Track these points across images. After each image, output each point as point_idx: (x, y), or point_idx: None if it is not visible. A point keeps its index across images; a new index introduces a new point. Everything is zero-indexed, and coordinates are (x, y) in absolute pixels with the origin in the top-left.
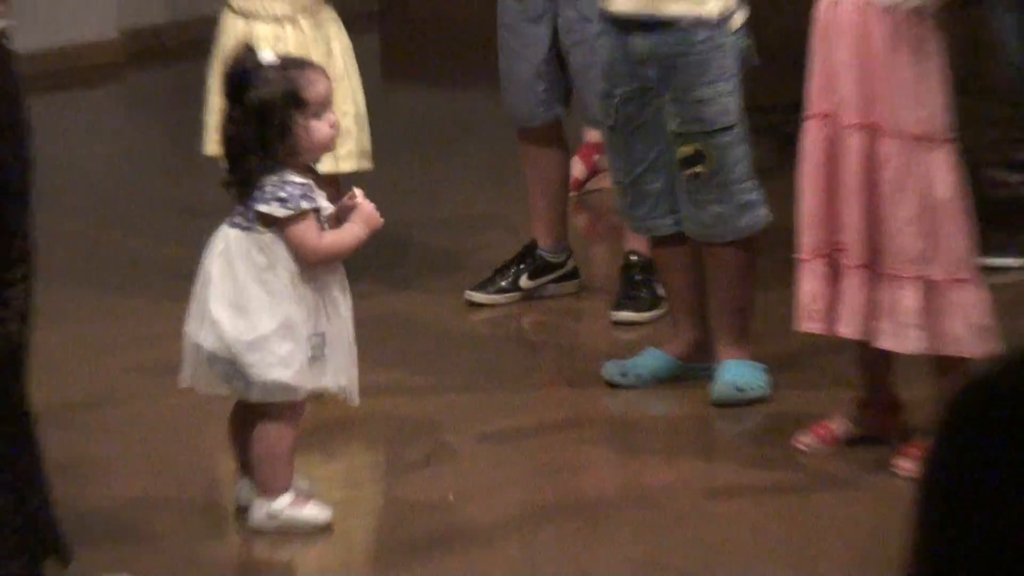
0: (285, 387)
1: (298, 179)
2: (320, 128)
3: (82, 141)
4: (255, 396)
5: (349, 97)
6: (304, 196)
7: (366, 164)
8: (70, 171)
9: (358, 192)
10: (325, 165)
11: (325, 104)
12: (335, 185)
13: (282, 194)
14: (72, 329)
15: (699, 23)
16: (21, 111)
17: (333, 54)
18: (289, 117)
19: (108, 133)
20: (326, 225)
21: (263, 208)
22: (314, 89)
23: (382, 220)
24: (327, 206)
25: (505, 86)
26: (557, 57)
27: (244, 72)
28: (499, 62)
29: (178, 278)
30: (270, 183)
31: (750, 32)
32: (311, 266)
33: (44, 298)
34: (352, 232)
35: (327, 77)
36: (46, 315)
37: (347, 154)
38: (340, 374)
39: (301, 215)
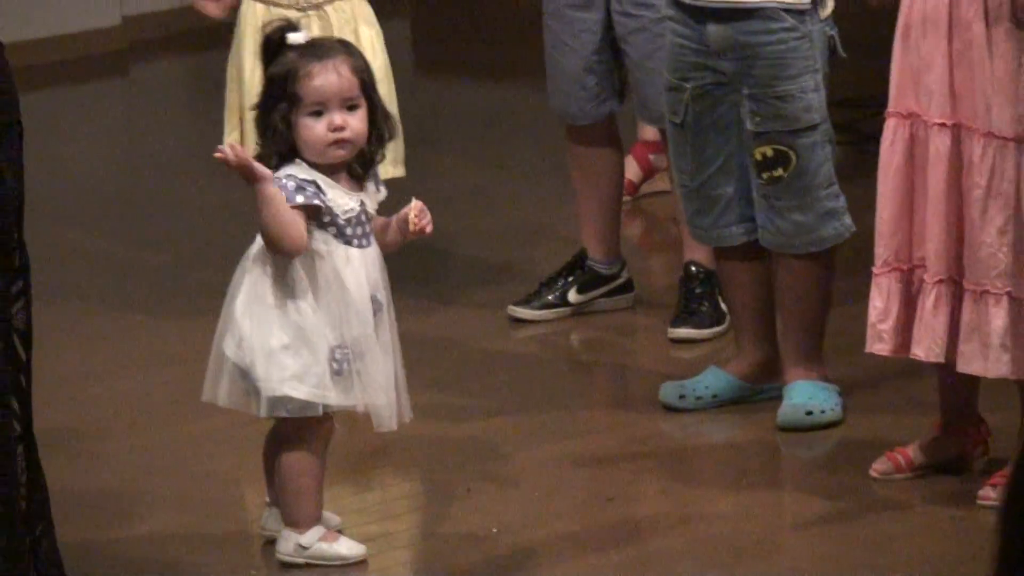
0: (297, 404)
1: (302, 173)
2: (311, 128)
3: (88, 139)
4: (263, 412)
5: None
6: (299, 189)
7: (398, 171)
8: (75, 175)
9: (415, 202)
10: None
11: (326, 103)
12: None
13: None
14: (84, 349)
15: (784, 9)
16: (17, 114)
17: (362, 49)
18: (278, 108)
19: (115, 130)
20: (359, 229)
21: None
22: (310, 84)
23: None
24: (347, 207)
25: (551, 80)
26: (611, 47)
27: (267, 46)
28: (545, 53)
29: (200, 292)
30: (279, 173)
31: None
32: (279, 256)
33: (53, 315)
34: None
35: (349, 73)
36: (56, 333)
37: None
38: (373, 392)
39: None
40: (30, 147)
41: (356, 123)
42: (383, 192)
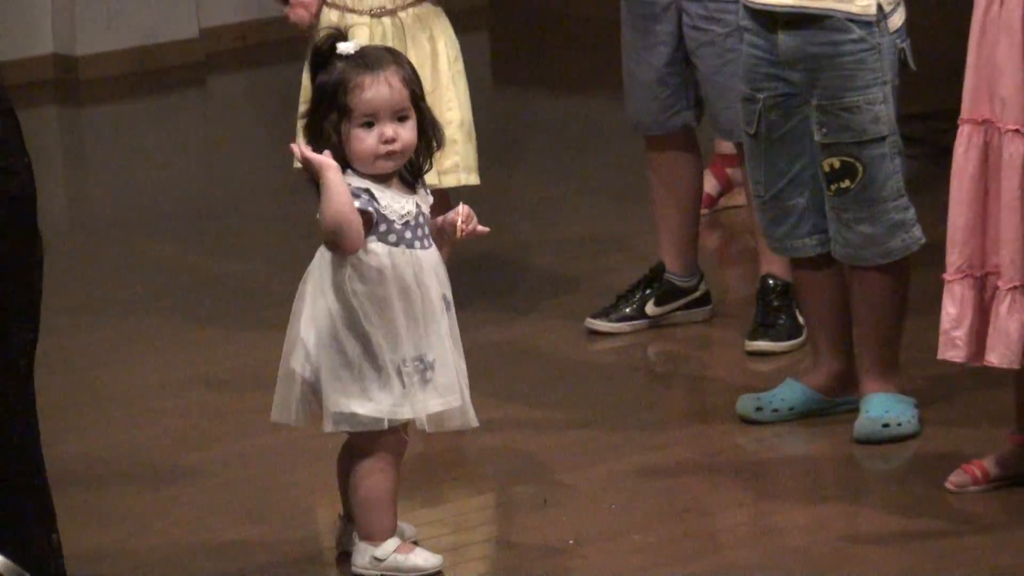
0: (361, 419)
1: (355, 181)
2: (362, 140)
3: (166, 151)
4: (328, 427)
5: (454, 103)
6: (354, 196)
7: (472, 179)
8: (152, 186)
9: (462, 207)
10: (428, 178)
11: (377, 114)
12: (445, 202)
13: None
14: (160, 361)
15: (852, 20)
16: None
17: (437, 54)
18: (326, 118)
19: (192, 142)
20: (419, 231)
21: (318, 215)
22: (361, 96)
23: (329, 163)
24: (404, 211)
25: (627, 90)
26: (684, 60)
27: (317, 56)
28: (622, 63)
29: (276, 305)
30: None
31: (907, 33)
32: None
33: (130, 327)
34: (325, 184)
35: (399, 84)
36: (132, 345)
37: (451, 167)
38: (450, 395)
39: None
40: (109, 160)
41: (406, 134)
42: (431, 198)
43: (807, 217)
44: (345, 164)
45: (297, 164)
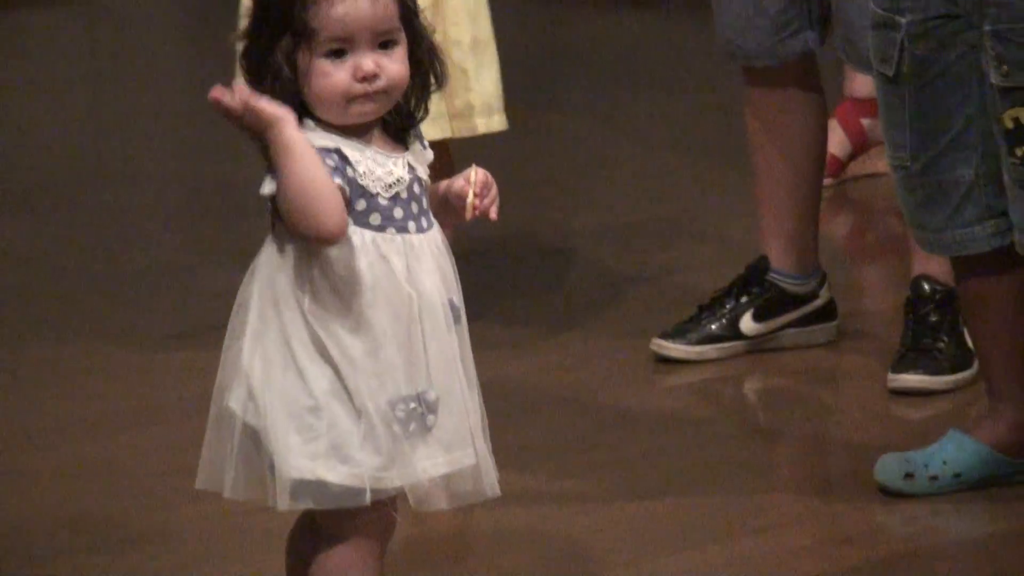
0: (333, 490)
1: (319, 138)
2: (330, 75)
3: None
4: (283, 502)
5: (461, 14)
6: None
7: (496, 123)
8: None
9: (475, 172)
10: (428, 127)
11: (352, 38)
12: (447, 159)
13: None
14: (51, 396)
15: None
16: None
17: None
18: (280, 44)
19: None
20: (414, 206)
21: (263, 188)
22: (329, 10)
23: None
24: (391, 179)
25: (722, 3)
26: None
27: None
28: None
29: (199, 311)
30: None
31: None
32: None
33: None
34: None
35: None
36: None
37: (463, 109)
38: (458, 450)
39: None
40: None
41: (394, 67)
42: (429, 154)
43: (975, 196)
44: (301, 110)
45: (213, 95)
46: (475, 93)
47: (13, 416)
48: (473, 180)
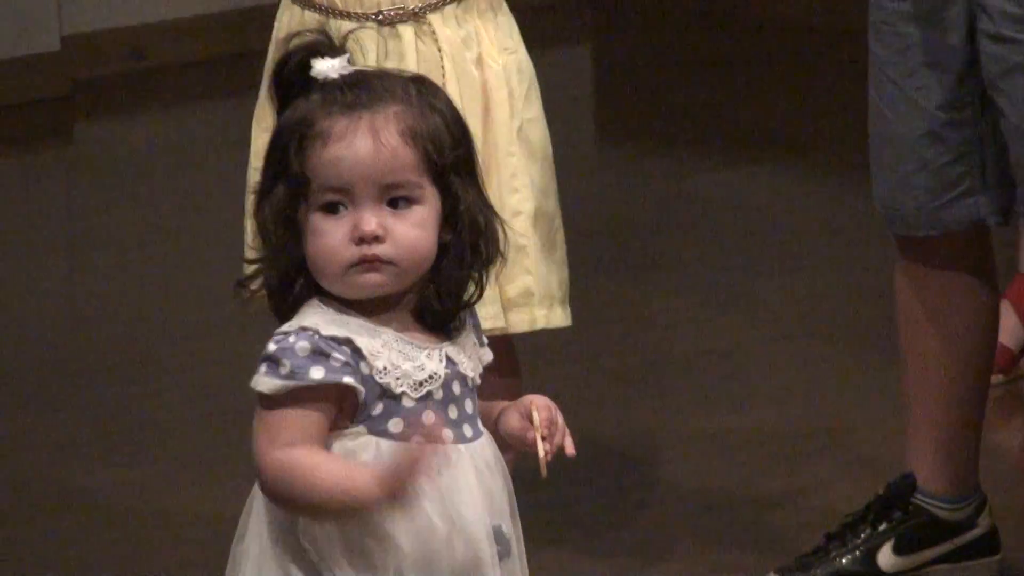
0: None
1: (328, 326)
2: (321, 232)
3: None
4: None
5: (523, 178)
6: (317, 356)
7: (556, 317)
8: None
9: (536, 412)
10: (485, 317)
11: (350, 188)
12: (511, 356)
13: (275, 347)
14: None
15: None
16: None
17: (488, 84)
18: (272, 195)
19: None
20: (453, 409)
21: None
22: (322, 155)
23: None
24: (421, 375)
25: (874, 152)
26: (979, 99)
27: (282, 77)
28: (869, 102)
29: None
30: (284, 327)
31: None
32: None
33: None
34: (355, 480)
35: (396, 138)
36: None
37: (519, 296)
38: None
39: (292, 394)
40: None
41: (406, 230)
42: (487, 353)
43: None
44: (310, 282)
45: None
46: (535, 276)
47: None
48: (536, 423)
